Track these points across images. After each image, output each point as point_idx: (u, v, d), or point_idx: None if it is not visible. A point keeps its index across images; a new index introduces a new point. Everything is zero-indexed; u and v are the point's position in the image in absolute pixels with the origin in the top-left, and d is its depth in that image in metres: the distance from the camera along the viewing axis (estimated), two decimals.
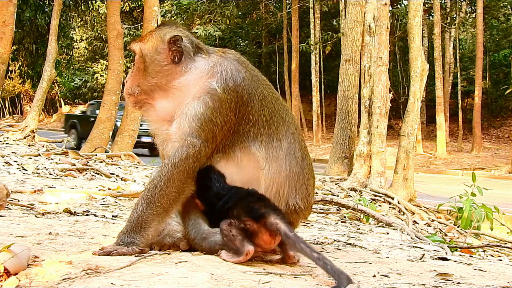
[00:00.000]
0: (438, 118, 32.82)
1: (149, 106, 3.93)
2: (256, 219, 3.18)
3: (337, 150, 16.57)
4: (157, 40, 3.90)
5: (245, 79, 3.86)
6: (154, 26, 19.32)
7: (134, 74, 3.92)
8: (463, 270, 4.03)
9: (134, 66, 3.96)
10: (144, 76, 3.88)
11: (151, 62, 3.87)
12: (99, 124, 19.24)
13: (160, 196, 3.55)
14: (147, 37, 3.93)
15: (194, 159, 3.62)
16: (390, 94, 12.83)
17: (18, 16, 25.72)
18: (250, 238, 3.20)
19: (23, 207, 5.76)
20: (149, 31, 4.03)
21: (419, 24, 12.81)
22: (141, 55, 3.89)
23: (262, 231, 3.18)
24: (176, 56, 3.85)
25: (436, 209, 11.20)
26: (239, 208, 3.27)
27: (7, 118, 63.36)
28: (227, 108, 3.70)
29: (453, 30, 38.81)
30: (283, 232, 3.12)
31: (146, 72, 3.87)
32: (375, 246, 5.17)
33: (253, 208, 3.25)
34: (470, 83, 40.13)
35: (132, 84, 3.91)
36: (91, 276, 2.81)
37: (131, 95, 3.93)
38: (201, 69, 3.82)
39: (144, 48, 3.89)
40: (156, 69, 3.85)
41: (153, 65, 3.86)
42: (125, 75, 18.63)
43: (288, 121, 4.02)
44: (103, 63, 49.46)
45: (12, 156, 10.88)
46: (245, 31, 49.60)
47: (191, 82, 3.79)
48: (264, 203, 3.32)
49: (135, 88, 3.90)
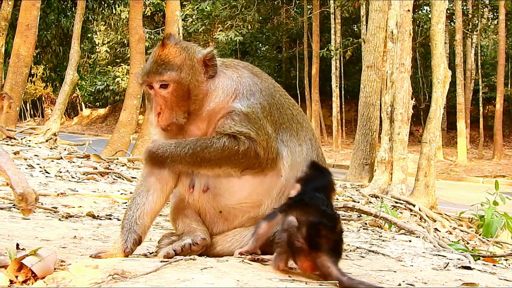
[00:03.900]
0: (459, 125, 32.57)
1: (177, 128, 3.82)
2: (311, 247, 3.10)
3: (358, 156, 16.53)
4: (191, 61, 3.76)
5: (263, 90, 3.87)
6: (175, 30, 19.43)
7: (171, 104, 3.70)
8: (488, 279, 3.99)
9: (165, 97, 3.70)
10: (184, 102, 3.72)
11: (193, 86, 3.74)
12: (120, 128, 19.34)
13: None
14: (176, 64, 3.70)
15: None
16: (412, 101, 12.77)
17: (43, 19, 26.00)
18: (295, 254, 3.16)
19: (46, 210, 5.79)
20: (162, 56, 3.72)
21: (442, 31, 12.75)
22: (180, 83, 3.70)
23: (308, 260, 3.12)
24: (210, 72, 3.81)
25: (458, 217, 11.13)
26: (305, 225, 3.15)
27: (28, 120, 63.76)
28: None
29: (475, 36, 38.53)
30: (335, 277, 3.05)
31: (186, 98, 3.72)
32: (398, 253, 5.13)
33: (319, 235, 3.13)
34: (491, 89, 39.82)
35: (172, 115, 3.71)
36: (117, 281, 2.82)
37: (174, 123, 3.75)
38: (226, 91, 3.79)
39: (182, 76, 3.70)
40: (196, 92, 3.74)
41: (194, 90, 3.74)
42: None
43: (305, 126, 4.07)
44: (125, 67, 49.67)
45: (34, 159, 10.93)
46: (266, 36, 49.58)
47: (219, 105, 3.75)
48: (333, 238, 3.23)
49: (179, 117, 3.72)
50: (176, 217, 4.00)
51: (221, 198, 3.83)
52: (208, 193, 3.82)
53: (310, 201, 3.33)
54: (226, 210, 3.86)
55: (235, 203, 3.82)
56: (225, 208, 3.85)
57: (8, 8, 19.17)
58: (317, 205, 3.32)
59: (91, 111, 64.03)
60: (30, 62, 19.47)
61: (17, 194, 3.05)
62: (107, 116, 60.15)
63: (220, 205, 3.85)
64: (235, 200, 3.81)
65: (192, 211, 3.96)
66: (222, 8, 40.11)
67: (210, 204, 3.87)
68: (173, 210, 4.04)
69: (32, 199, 3.08)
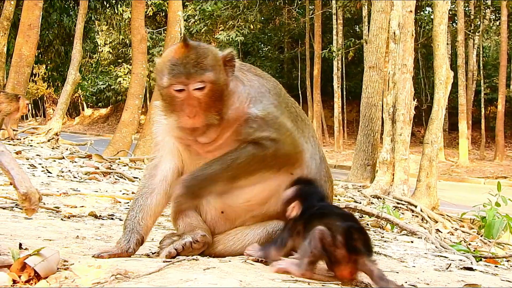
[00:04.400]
0: (460, 126, 32.57)
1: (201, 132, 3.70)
2: (350, 251, 3.05)
3: (360, 157, 16.53)
4: (218, 61, 3.64)
5: (271, 90, 3.88)
6: (177, 31, 19.45)
7: (205, 106, 3.58)
8: (490, 280, 4.00)
9: (199, 99, 3.56)
10: (216, 103, 3.61)
11: (224, 87, 3.65)
12: (122, 128, 19.35)
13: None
14: (209, 64, 3.57)
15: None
16: (415, 102, 12.77)
17: (46, 19, 26.01)
18: (334, 263, 3.12)
19: (49, 210, 5.80)
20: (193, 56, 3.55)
21: (444, 32, 12.74)
22: (215, 83, 3.58)
23: (349, 266, 3.08)
24: (230, 73, 3.73)
25: (459, 218, 11.12)
26: (338, 231, 3.08)
27: (30, 120, 63.78)
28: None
29: (477, 37, 38.52)
30: (377, 276, 3.04)
31: (218, 99, 3.61)
32: (400, 254, 5.13)
33: (354, 239, 3.08)
34: (493, 91, 39.78)
35: (205, 117, 3.58)
36: (120, 281, 2.82)
37: (206, 126, 3.63)
38: (241, 97, 3.74)
39: (217, 77, 3.58)
40: (226, 92, 3.67)
41: (224, 90, 3.65)
42: (148, 79, 18.57)
43: (308, 124, 4.11)
44: (126, 67, 49.69)
45: (36, 159, 10.95)
46: (268, 36, 49.61)
47: (237, 110, 3.70)
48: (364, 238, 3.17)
49: (212, 119, 3.60)
50: (177, 217, 3.99)
51: (227, 198, 3.81)
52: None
53: (324, 210, 3.33)
54: (230, 210, 3.86)
55: (241, 202, 3.81)
56: (228, 208, 3.85)
57: (10, 8, 19.22)
58: (333, 211, 3.33)
59: (93, 111, 64.09)
60: (32, 62, 19.52)
61: (20, 194, 3.05)
62: (109, 116, 60.20)
63: (225, 204, 3.84)
64: (243, 199, 3.80)
65: (192, 211, 3.96)
66: (224, 8, 40.11)
67: (212, 204, 3.87)
68: (174, 211, 4.04)
69: (36, 199, 3.08)
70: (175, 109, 3.61)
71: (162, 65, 3.61)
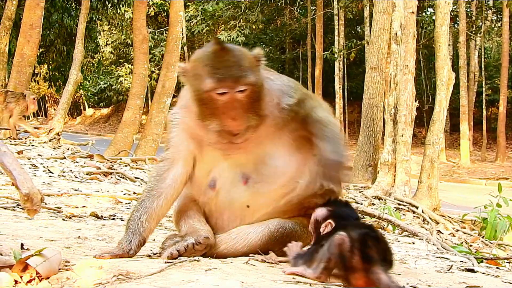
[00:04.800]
0: (462, 127, 32.59)
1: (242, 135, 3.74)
2: (364, 260, 2.97)
3: (361, 158, 16.53)
4: (253, 62, 3.64)
5: (296, 84, 3.96)
6: (179, 31, 19.47)
7: (247, 108, 3.58)
8: (491, 282, 4.00)
9: (241, 101, 3.55)
10: (256, 104, 3.63)
11: (262, 87, 3.67)
12: (123, 128, 19.37)
13: None
14: (249, 66, 3.58)
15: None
16: (416, 103, 12.77)
17: (47, 19, 26.03)
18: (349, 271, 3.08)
19: (50, 210, 5.80)
20: (233, 58, 3.54)
21: (446, 33, 12.75)
22: (256, 85, 3.58)
23: (364, 276, 3.04)
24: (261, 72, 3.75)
25: (461, 219, 11.13)
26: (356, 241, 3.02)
27: (31, 120, 63.47)
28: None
29: (478, 38, 38.49)
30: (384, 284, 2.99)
31: (257, 100, 3.63)
32: (402, 255, 5.13)
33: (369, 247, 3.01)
34: (495, 92, 39.74)
35: (247, 119, 3.60)
36: (122, 281, 2.82)
37: (247, 128, 3.65)
38: (275, 93, 3.80)
39: (257, 78, 3.60)
40: (264, 92, 3.69)
41: (262, 90, 3.67)
42: (149, 79, 18.64)
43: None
44: (128, 67, 49.68)
45: (38, 159, 10.95)
46: (269, 37, 49.58)
47: (273, 105, 3.76)
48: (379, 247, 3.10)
49: (253, 121, 3.63)
50: (179, 218, 3.99)
51: (261, 186, 3.81)
52: (248, 184, 3.81)
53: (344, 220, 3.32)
54: (258, 202, 3.84)
55: (273, 188, 3.81)
56: (256, 200, 3.84)
57: (12, 8, 19.21)
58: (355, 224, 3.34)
59: (94, 110, 64.04)
60: (34, 62, 19.52)
61: (22, 194, 3.06)
62: (110, 116, 60.15)
63: (255, 195, 3.83)
64: (277, 185, 3.82)
65: (195, 212, 3.96)
66: (225, 8, 40.13)
67: (238, 200, 3.86)
68: (177, 212, 4.03)
69: (38, 200, 3.09)
70: (214, 113, 3.58)
71: (199, 69, 3.57)
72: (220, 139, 3.70)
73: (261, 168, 3.81)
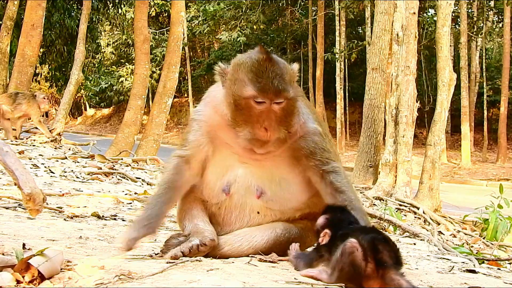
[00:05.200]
0: (463, 128, 32.56)
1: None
2: (378, 264, 2.95)
3: (362, 158, 16.51)
4: (293, 77, 3.72)
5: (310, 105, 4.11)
6: (180, 31, 19.46)
7: (280, 119, 3.60)
8: (493, 283, 4.00)
9: (276, 113, 3.56)
10: (289, 118, 3.66)
11: (297, 103, 3.73)
12: (124, 128, 19.35)
13: None
14: (291, 80, 3.65)
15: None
16: (417, 103, 12.77)
17: (48, 19, 26.03)
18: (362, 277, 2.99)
19: (52, 210, 5.80)
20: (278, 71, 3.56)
21: (447, 34, 12.74)
22: (293, 99, 3.63)
23: (378, 281, 3.02)
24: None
25: (462, 220, 11.12)
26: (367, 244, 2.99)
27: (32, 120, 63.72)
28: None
29: (479, 39, 38.43)
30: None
31: (291, 114, 3.68)
32: (403, 256, 5.13)
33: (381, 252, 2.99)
34: (496, 93, 39.67)
35: (279, 131, 3.61)
36: (124, 282, 2.82)
37: (276, 140, 3.67)
38: (302, 114, 3.87)
39: (295, 93, 3.66)
40: (296, 107, 3.75)
41: (296, 106, 3.74)
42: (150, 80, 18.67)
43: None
44: (129, 67, 49.72)
45: (39, 159, 10.96)
46: (270, 37, 49.52)
47: (299, 125, 3.82)
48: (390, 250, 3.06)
49: (283, 133, 3.65)
50: (183, 217, 3.98)
51: (273, 204, 3.86)
52: (261, 198, 3.83)
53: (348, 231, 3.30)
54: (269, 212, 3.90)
55: (285, 209, 3.90)
56: (267, 211, 3.89)
57: (13, 8, 19.24)
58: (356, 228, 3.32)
59: (95, 111, 64.06)
60: (35, 62, 19.54)
61: (25, 194, 3.06)
62: (111, 116, 60.17)
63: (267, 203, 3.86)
64: (288, 206, 3.90)
65: (199, 211, 3.96)
66: (226, 8, 40.12)
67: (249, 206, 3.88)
68: (180, 211, 4.03)
69: (40, 199, 3.09)
70: (248, 120, 3.59)
71: (241, 74, 3.58)
72: (245, 144, 3.69)
73: (276, 189, 3.83)
